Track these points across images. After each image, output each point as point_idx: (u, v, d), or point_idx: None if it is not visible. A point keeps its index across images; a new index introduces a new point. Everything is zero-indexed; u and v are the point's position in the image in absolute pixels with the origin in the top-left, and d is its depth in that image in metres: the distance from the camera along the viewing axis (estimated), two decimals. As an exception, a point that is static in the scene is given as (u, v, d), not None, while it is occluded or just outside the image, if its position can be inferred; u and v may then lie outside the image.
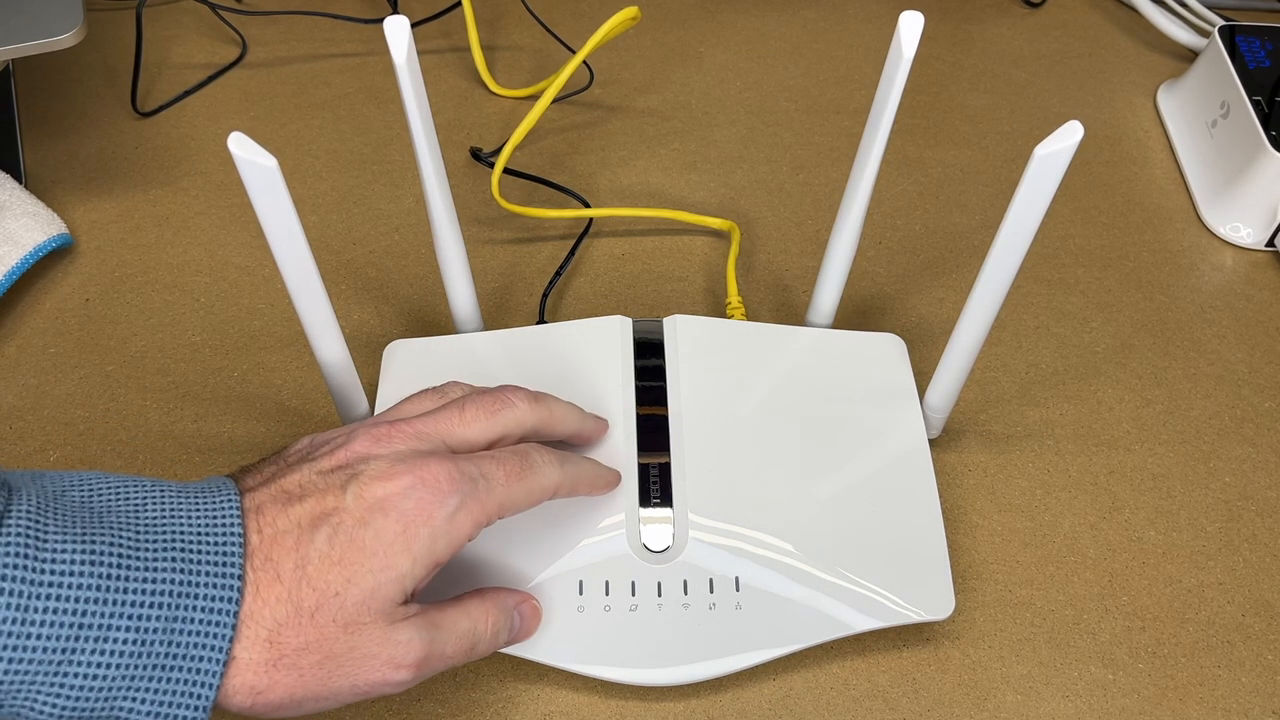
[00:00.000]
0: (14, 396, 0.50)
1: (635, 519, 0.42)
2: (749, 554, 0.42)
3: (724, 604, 0.41)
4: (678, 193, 0.62)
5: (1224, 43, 0.65)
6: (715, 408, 0.46)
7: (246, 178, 0.35)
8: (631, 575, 0.42)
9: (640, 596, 0.41)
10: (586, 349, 0.47)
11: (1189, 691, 0.43)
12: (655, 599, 0.41)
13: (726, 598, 0.41)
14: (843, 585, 0.42)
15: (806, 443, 0.45)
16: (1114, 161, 0.66)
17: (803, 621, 0.42)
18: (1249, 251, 0.61)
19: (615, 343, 0.47)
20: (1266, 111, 0.61)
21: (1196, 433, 0.52)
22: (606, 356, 0.47)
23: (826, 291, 0.49)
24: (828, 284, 0.49)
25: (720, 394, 0.46)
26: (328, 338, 0.42)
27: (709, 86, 0.69)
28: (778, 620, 0.41)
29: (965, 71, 0.72)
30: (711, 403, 0.46)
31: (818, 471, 0.45)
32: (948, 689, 0.43)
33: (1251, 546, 0.48)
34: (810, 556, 0.42)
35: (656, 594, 0.41)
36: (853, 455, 0.45)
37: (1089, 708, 0.42)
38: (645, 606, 0.41)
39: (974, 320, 0.42)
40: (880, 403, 0.47)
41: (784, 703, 0.42)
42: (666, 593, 0.41)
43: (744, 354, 0.48)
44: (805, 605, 0.42)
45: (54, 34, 0.51)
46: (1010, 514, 0.49)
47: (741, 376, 0.47)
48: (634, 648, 0.41)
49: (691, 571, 0.42)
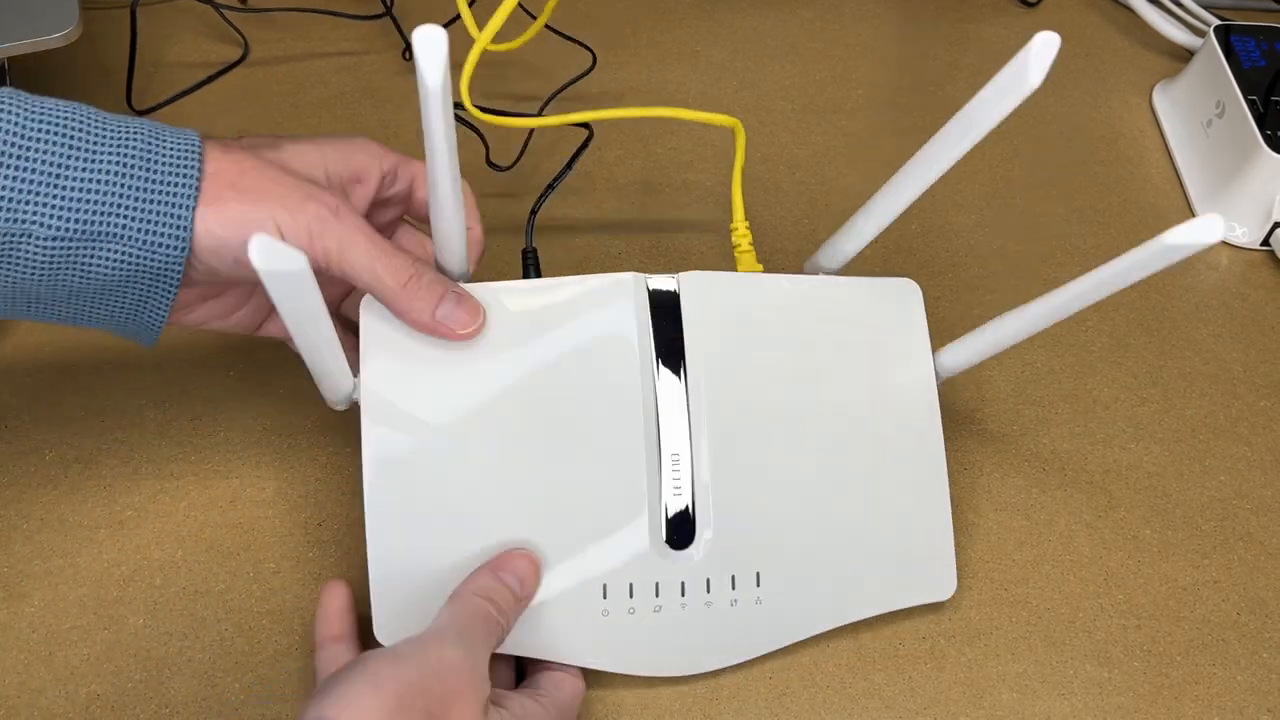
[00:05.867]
0: (9, 394, 0.50)
1: (658, 517, 0.41)
2: (769, 546, 0.42)
3: (745, 599, 0.42)
4: (676, 191, 0.62)
5: (1219, 42, 0.66)
6: (734, 384, 0.43)
7: (273, 289, 0.32)
8: (655, 576, 0.41)
9: (664, 598, 0.41)
10: (594, 315, 0.42)
11: (1184, 689, 0.43)
12: (679, 599, 0.41)
13: (748, 593, 0.42)
14: (855, 574, 0.43)
15: (823, 414, 0.43)
16: (1110, 161, 0.66)
17: (817, 612, 0.43)
18: (1244, 251, 0.61)
19: (627, 309, 0.42)
20: (1262, 111, 0.61)
21: (1192, 431, 0.52)
22: (617, 327, 0.42)
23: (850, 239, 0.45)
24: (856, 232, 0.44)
25: (739, 366, 0.43)
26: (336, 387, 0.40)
27: (705, 86, 0.69)
28: (795, 612, 0.42)
29: (961, 71, 0.72)
30: (730, 378, 0.43)
31: (833, 448, 0.43)
32: (944, 687, 0.43)
33: (1246, 545, 0.48)
34: (826, 543, 0.43)
35: (680, 594, 0.41)
36: (867, 426, 0.44)
37: (1085, 706, 0.43)
38: (669, 608, 0.41)
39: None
40: (895, 361, 0.45)
41: (781, 701, 0.42)
42: (690, 593, 0.41)
43: (763, 315, 0.44)
44: (822, 596, 0.43)
45: (49, 32, 0.51)
46: (1006, 512, 0.49)
47: (761, 342, 0.44)
48: (662, 646, 0.41)
49: (714, 570, 0.41)
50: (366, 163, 0.42)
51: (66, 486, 0.47)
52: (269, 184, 0.37)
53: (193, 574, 0.44)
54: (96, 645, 0.42)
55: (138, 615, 0.43)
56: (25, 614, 0.43)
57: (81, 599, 0.43)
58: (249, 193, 0.37)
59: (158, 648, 0.42)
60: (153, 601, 0.44)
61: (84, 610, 0.43)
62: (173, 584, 0.44)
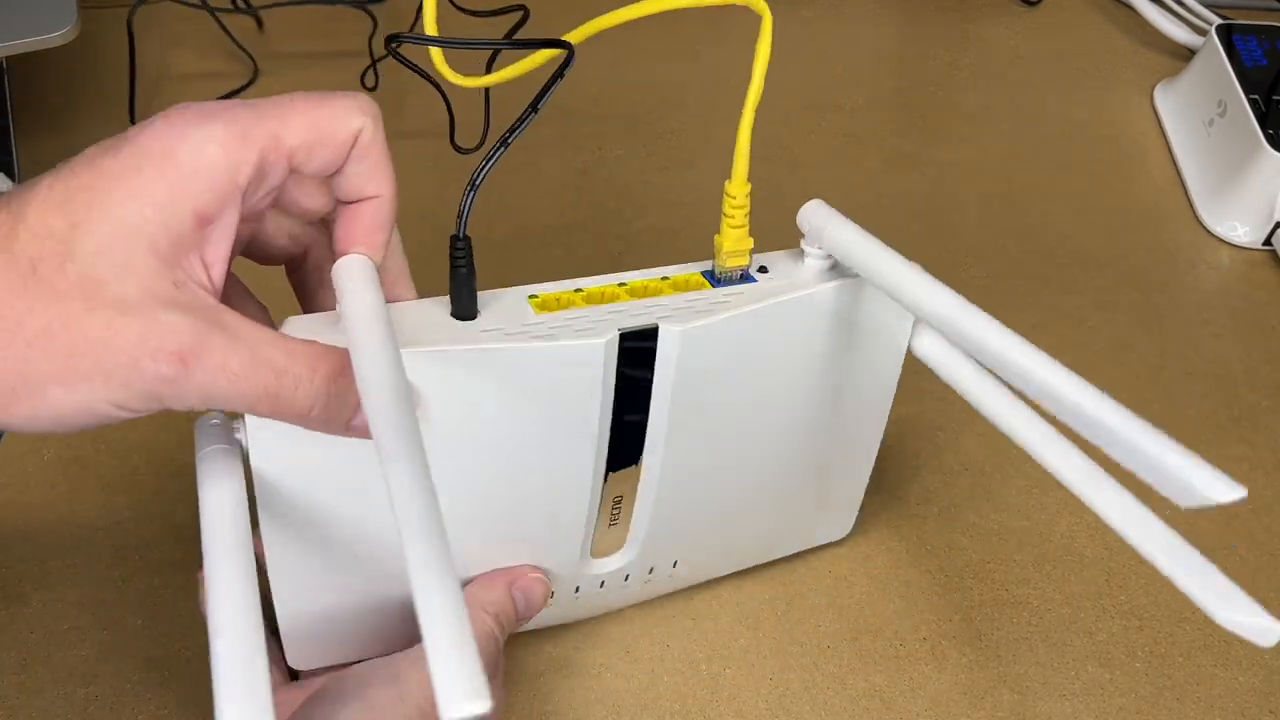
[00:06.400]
0: (8, 395, 0.50)
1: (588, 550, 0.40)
2: (692, 539, 0.43)
3: (659, 576, 0.43)
4: (674, 187, 0.62)
5: (1221, 41, 0.65)
6: (696, 429, 0.38)
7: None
8: (577, 581, 0.41)
9: (584, 591, 0.42)
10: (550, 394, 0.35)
11: (1186, 691, 0.43)
12: (598, 589, 0.42)
13: (663, 572, 0.43)
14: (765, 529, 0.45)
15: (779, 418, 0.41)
16: (1111, 160, 0.66)
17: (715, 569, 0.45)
18: (1246, 250, 0.61)
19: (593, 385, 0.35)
20: (1264, 110, 0.61)
21: (1193, 431, 0.52)
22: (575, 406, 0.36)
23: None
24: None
25: (705, 414, 0.38)
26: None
27: (705, 85, 0.69)
28: (700, 568, 0.44)
29: (963, 71, 0.71)
30: (693, 426, 0.38)
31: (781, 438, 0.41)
32: (945, 688, 0.43)
33: (1248, 546, 0.48)
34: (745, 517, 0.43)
35: (599, 586, 0.42)
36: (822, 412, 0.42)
37: (1086, 707, 0.42)
38: (587, 593, 0.42)
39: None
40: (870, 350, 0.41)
41: (780, 702, 0.42)
42: (609, 584, 0.42)
43: (742, 349, 0.38)
44: (724, 559, 0.45)
45: (47, 32, 0.51)
46: (1007, 513, 0.49)
47: (733, 375, 0.39)
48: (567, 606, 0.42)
49: (634, 568, 0.42)
50: (211, 192, 0.28)
51: (65, 487, 0.47)
52: (77, 349, 0.26)
53: (192, 574, 0.44)
54: (95, 646, 0.42)
55: (136, 616, 0.43)
56: (24, 615, 0.43)
57: (80, 600, 0.43)
58: (52, 376, 0.26)
59: (156, 649, 0.42)
60: (151, 602, 0.43)
61: (82, 611, 0.43)
62: (171, 585, 0.44)
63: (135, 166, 0.27)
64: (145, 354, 0.26)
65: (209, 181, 0.27)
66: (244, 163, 0.28)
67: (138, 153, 0.27)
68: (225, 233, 0.28)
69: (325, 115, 0.29)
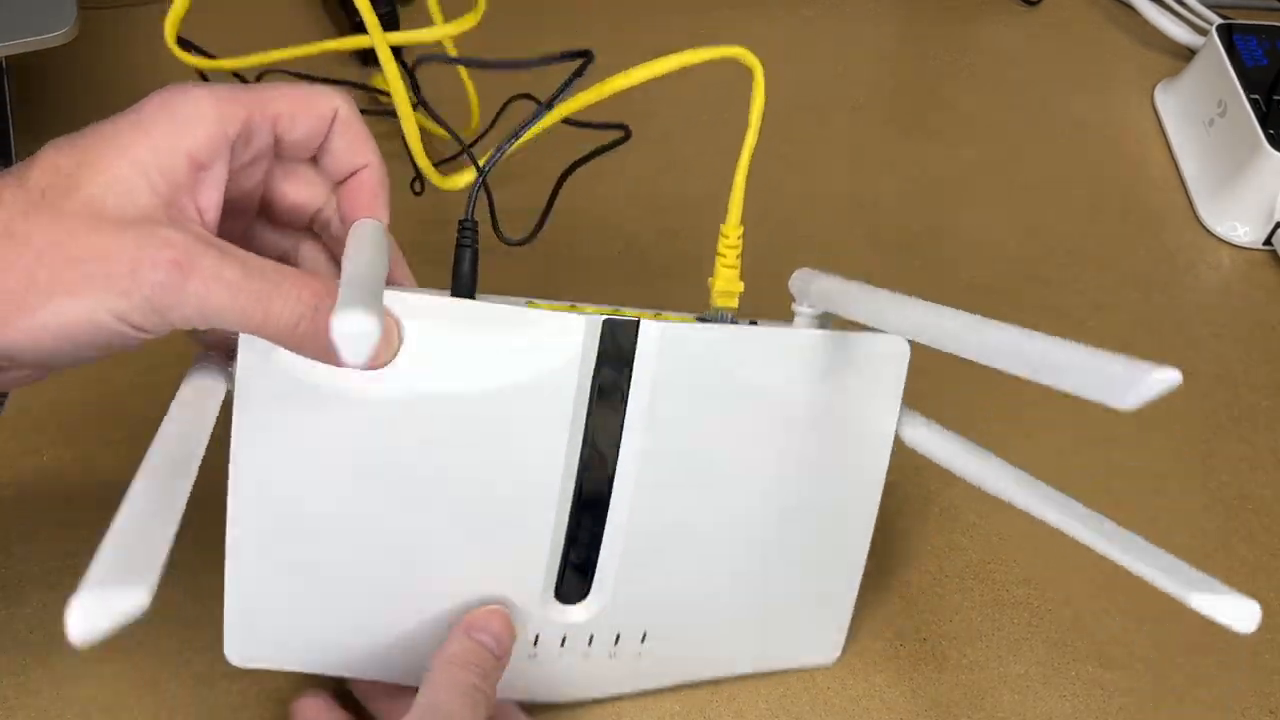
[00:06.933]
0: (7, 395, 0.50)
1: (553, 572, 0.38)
2: (664, 608, 0.40)
3: (625, 653, 0.40)
4: (674, 191, 0.62)
5: (1222, 41, 0.65)
6: (674, 448, 0.38)
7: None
8: (537, 629, 0.39)
9: (541, 648, 0.39)
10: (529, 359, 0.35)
11: (1186, 691, 0.43)
12: (557, 649, 0.39)
13: (630, 648, 0.40)
14: (744, 635, 0.42)
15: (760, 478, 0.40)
16: (1111, 160, 0.66)
17: (693, 668, 0.42)
18: (1246, 250, 0.61)
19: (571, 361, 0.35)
20: (1264, 110, 0.61)
21: (1194, 431, 0.52)
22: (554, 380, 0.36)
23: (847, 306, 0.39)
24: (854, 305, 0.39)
25: (685, 430, 0.38)
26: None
27: (704, 86, 0.69)
28: (671, 664, 0.41)
29: (962, 70, 0.71)
30: (671, 441, 0.38)
31: (762, 510, 0.40)
32: (945, 689, 0.43)
33: (1249, 546, 0.48)
34: (723, 607, 0.41)
35: (559, 645, 0.39)
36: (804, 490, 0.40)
37: (1086, 708, 0.42)
38: (545, 656, 0.39)
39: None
40: (856, 425, 0.41)
41: (780, 703, 0.42)
42: (570, 644, 0.39)
43: (725, 373, 0.38)
44: (703, 654, 0.41)
45: (47, 32, 0.51)
46: (1007, 513, 0.48)
47: (716, 403, 0.38)
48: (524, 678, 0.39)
49: (600, 628, 0.39)
50: (204, 138, 0.31)
51: (64, 488, 0.47)
52: (80, 257, 0.29)
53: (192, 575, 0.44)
54: (93, 647, 0.42)
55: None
56: (22, 615, 0.43)
57: (79, 600, 0.43)
58: (58, 283, 0.28)
59: (155, 649, 0.42)
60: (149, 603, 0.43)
61: (82, 611, 0.43)
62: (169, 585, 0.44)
63: (135, 120, 0.31)
64: (144, 261, 0.29)
65: (202, 129, 0.31)
66: (233, 117, 0.32)
67: (137, 110, 0.31)
68: (216, 182, 0.32)
69: (304, 92, 0.33)
